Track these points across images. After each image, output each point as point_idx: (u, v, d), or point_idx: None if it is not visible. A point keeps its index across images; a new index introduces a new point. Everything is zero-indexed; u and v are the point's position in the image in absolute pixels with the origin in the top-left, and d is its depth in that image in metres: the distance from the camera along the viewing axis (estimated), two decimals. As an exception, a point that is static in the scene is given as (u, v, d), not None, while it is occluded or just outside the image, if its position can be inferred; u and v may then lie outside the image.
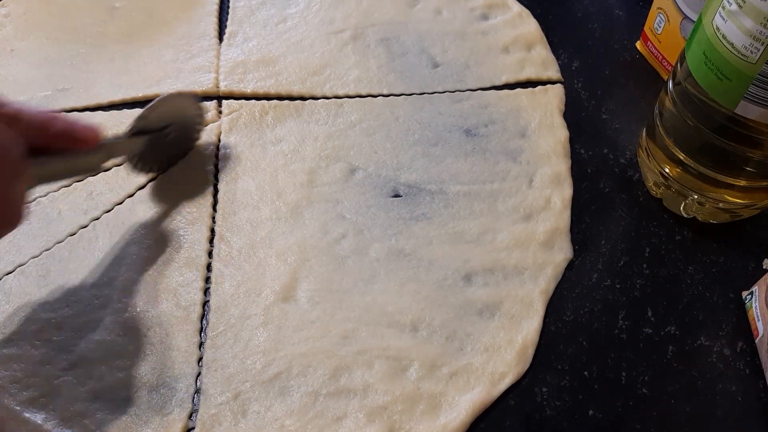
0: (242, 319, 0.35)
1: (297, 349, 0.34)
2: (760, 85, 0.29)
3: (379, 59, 0.47)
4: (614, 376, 0.33)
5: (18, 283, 0.36)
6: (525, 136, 0.42)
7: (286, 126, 0.43)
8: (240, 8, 0.51)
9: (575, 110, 0.45)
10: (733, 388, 0.33)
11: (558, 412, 0.32)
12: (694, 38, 0.33)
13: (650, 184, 0.40)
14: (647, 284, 0.36)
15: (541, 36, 0.49)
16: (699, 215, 0.38)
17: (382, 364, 0.33)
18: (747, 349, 0.34)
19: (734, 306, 0.35)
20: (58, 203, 0.39)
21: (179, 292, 0.36)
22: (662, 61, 0.45)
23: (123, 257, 0.37)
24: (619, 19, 0.50)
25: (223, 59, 0.47)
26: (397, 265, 0.37)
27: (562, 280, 0.36)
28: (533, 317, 0.35)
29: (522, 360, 0.33)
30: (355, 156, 0.41)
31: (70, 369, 0.33)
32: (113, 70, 0.47)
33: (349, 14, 0.50)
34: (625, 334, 0.34)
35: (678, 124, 0.35)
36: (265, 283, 0.36)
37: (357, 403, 0.32)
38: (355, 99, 0.45)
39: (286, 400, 0.32)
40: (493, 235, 0.38)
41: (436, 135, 0.43)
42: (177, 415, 0.32)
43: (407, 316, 0.35)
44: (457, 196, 0.39)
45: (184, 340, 0.34)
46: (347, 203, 0.39)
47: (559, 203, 0.39)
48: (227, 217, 0.39)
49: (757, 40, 0.28)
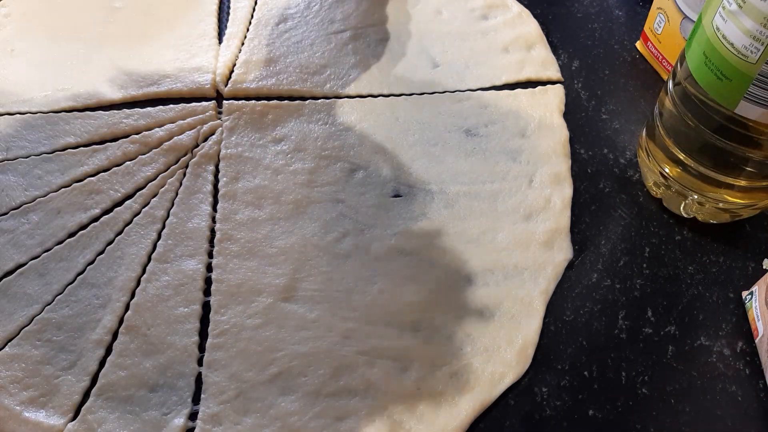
0: (243, 318, 0.35)
1: (297, 348, 0.34)
2: (760, 85, 0.29)
3: (379, 59, 0.47)
4: (614, 376, 0.33)
5: (18, 283, 0.36)
6: (525, 136, 0.42)
7: (286, 126, 0.43)
8: (240, 8, 0.51)
9: (575, 110, 0.45)
10: (733, 388, 0.33)
11: (558, 412, 0.32)
12: (694, 38, 0.33)
13: (650, 184, 0.40)
14: (647, 284, 0.36)
15: (541, 36, 0.49)
16: (699, 215, 0.38)
17: (383, 364, 0.33)
18: (747, 349, 0.34)
19: (734, 306, 0.35)
20: (57, 203, 0.39)
21: (179, 292, 0.36)
22: (662, 61, 0.45)
23: (123, 257, 0.37)
24: (619, 19, 0.51)
25: (223, 59, 0.47)
26: (397, 265, 0.37)
27: (562, 280, 0.36)
28: (533, 317, 0.35)
29: (522, 360, 0.33)
30: (355, 156, 0.41)
31: (70, 369, 0.33)
32: (113, 70, 0.47)
33: (349, 14, 0.50)
34: (625, 334, 0.34)
35: (678, 124, 0.35)
36: (266, 283, 0.36)
37: (358, 402, 0.32)
38: (355, 99, 0.45)
39: (287, 399, 0.32)
40: (493, 235, 0.38)
41: (436, 135, 0.43)
42: (177, 415, 0.32)
43: (407, 316, 0.35)
44: (457, 196, 0.39)
45: (184, 340, 0.34)
46: (347, 203, 0.39)
47: (559, 203, 0.39)
48: (227, 217, 0.39)
49: (757, 40, 0.28)
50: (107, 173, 0.41)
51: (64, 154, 0.42)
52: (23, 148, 0.42)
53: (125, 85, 0.46)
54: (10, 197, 0.40)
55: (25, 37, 0.49)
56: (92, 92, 0.45)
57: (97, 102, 0.45)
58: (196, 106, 0.44)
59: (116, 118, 0.44)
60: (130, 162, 0.41)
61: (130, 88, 0.45)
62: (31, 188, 0.40)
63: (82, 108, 0.45)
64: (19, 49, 0.48)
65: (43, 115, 0.44)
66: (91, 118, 0.44)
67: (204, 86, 0.45)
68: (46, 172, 0.41)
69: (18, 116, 0.44)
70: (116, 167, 0.41)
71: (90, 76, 0.46)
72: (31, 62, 0.47)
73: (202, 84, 0.45)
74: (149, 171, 0.41)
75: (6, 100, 0.45)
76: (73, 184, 0.40)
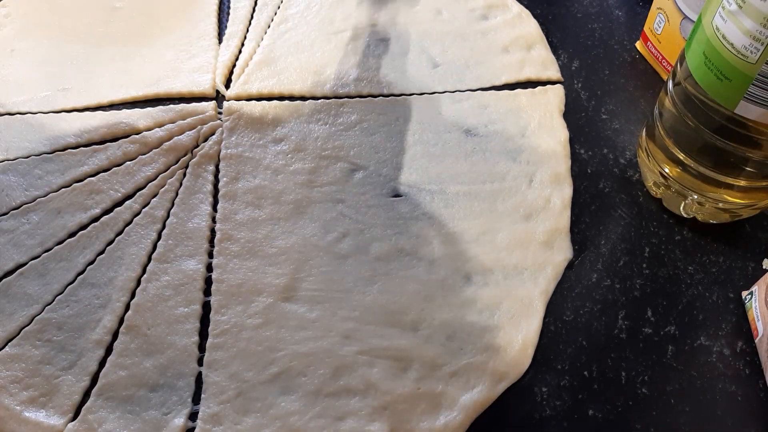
0: (243, 318, 0.35)
1: (297, 348, 0.34)
2: (760, 85, 0.29)
3: (379, 59, 0.47)
4: (614, 376, 0.33)
5: (18, 283, 0.36)
6: (525, 136, 0.42)
7: (286, 126, 0.43)
8: (240, 8, 0.51)
9: (575, 110, 0.45)
10: (733, 388, 0.33)
11: (558, 411, 0.32)
12: (693, 38, 0.33)
13: (650, 184, 0.40)
14: (647, 284, 0.36)
15: (541, 36, 0.49)
16: (699, 215, 0.38)
17: (383, 364, 0.33)
18: (747, 349, 0.34)
19: (734, 306, 0.35)
20: (57, 203, 0.39)
21: (179, 292, 0.36)
22: (662, 61, 0.45)
23: (123, 257, 0.37)
24: (619, 19, 0.51)
25: (223, 59, 0.47)
26: (397, 265, 0.37)
27: (562, 280, 0.36)
28: (533, 317, 0.35)
29: (522, 360, 0.33)
30: (355, 156, 0.41)
31: (70, 369, 0.33)
32: (113, 70, 0.47)
33: (349, 14, 0.50)
34: (625, 334, 0.35)
35: (678, 124, 0.35)
36: (266, 282, 0.36)
37: (358, 402, 0.32)
38: (355, 99, 0.45)
39: (287, 399, 0.32)
40: (493, 235, 0.38)
41: (436, 135, 0.43)
42: (177, 414, 0.32)
43: (407, 316, 0.35)
44: (457, 196, 0.39)
45: (184, 340, 0.34)
46: (348, 203, 0.39)
47: (558, 203, 0.39)
48: (227, 217, 0.39)
49: (757, 40, 0.28)
50: (107, 173, 0.41)
51: (64, 154, 0.42)
52: (23, 148, 0.42)
53: (125, 85, 0.46)
54: (10, 197, 0.40)
55: (25, 37, 0.49)
56: (92, 92, 0.45)
57: (97, 102, 0.45)
58: (196, 106, 0.44)
59: (116, 118, 0.44)
60: (130, 162, 0.41)
61: (130, 88, 0.45)
62: (31, 188, 0.40)
63: (82, 108, 0.45)
64: (19, 49, 0.48)
65: (43, 115, 0.44)
66: (91, 118, 0.44)
67: (204, 86, 0.45)
68: (46, 172, 0.41)
69: (18, 116, 0.44)
70: (116, 167, 0.41)
71: (90, 76, 0.46)
72: (31, 62, 0.47)
73: (201, 84, 0.45)
74: (149, 171, 0.41)
75: (6, 101, 0.45)
76: (73, 184, 0.40)
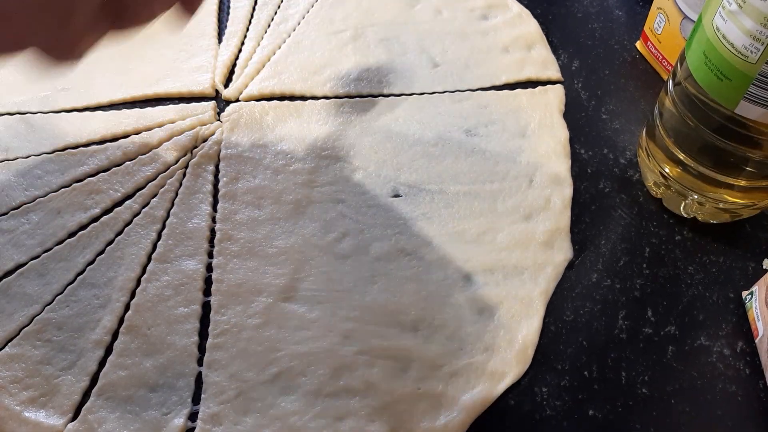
0: (243, 318, 0.35)
1: (297, 348, 0.34)
2: (760, 85, 0.29)
3: (379, 59, 0.47)
4: (614, 376, 0.33)
5: (18, 283, 0.36)
6: (525, 136, 0.42)
7: (286, 126, 0.43)
8: (240, 8, 0.51)
9: (575, 110, 0.45)
10: (733, 388, 0.33)
11: (558, 412, 0.32)
12: (694, 38, 0.33)
13: (650, 184, 0.40)
14: (647, 284, 0.36)
15: (541, 36, 0.49)
16: (699, 215, 0.38)
17: (383, 364, 0.33)
18: (747, 349, 0.34)
19: (734, 306, 0.35)
20: (57, 203, 0.39)
21: (179, 292, 0.36)
22: (662, 61, 0.45)
23: (123, 257, 0.37)
24: (619, 19, 0.50)
25: (222, 59, 0.47)
26: (397, 265, 0.37)
27: (562, 280, 0.36)
28: (533, 317, 0.35)
29: (522, 360, 0.33)
30: (355, 156, 0.41)
31: (70, 369, 0.33)
32: (113, 69, 0.47)
33: (349, 14, 0.50)
34: (625, 334, 0.34)
35: (678, 124, 0.35)
36: (265, 282, 0.36)
37: (358, 402, 0.32)
38: (356, 99, 0.45)
39: (287, 399, 0.32)
40: (493, 235, 0.38)
41: (436, 135, 0.43)
42: (177, 415, 0.32)
43: (407, 316, 0.35)
44: (457, 196, 0.39)
45: (184, 340, 0.34)
46: (348, 203, 0.39)
47: (559, 203, 0.39)
48: (227, 217, 0.39)
49: (757, 40, 0.28)
50: (107, 173, 0.41)
51: (64, 154, 0.42)
52: (23, 148, 0.42)
53: (125, 85, 0.46)
54: (10, 197, 0.40)
55: (25, 37, 0.49)
56: (92, 92, 0.45)
57: (97, 102, 0.45)
58: (195, 106, 0.44)
59: (116, 118, 0.44)
60: (129, 162, 0.41)
61: (130, 88, 0.45)
62: (31, 188, 0.40)
63: (82, 108, 0.45)
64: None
65: (43, 115, 0.44)
66: (91, 118, 0.44)
67: (203, 86, 0.45)
68: (46, 172, 0.41)
69: (18, 116, 0.44)
70: (116, 167, 0.41)
71: (90, 76, 0.46)
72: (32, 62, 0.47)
73: (201, 84, 0.45)
74: (149, 171, 0.41)
75: (6, 100, 0.45)
76: (73, 184, 0.40)
